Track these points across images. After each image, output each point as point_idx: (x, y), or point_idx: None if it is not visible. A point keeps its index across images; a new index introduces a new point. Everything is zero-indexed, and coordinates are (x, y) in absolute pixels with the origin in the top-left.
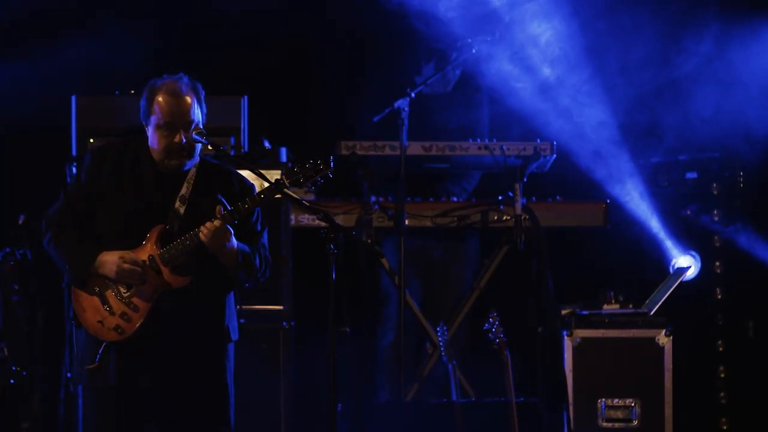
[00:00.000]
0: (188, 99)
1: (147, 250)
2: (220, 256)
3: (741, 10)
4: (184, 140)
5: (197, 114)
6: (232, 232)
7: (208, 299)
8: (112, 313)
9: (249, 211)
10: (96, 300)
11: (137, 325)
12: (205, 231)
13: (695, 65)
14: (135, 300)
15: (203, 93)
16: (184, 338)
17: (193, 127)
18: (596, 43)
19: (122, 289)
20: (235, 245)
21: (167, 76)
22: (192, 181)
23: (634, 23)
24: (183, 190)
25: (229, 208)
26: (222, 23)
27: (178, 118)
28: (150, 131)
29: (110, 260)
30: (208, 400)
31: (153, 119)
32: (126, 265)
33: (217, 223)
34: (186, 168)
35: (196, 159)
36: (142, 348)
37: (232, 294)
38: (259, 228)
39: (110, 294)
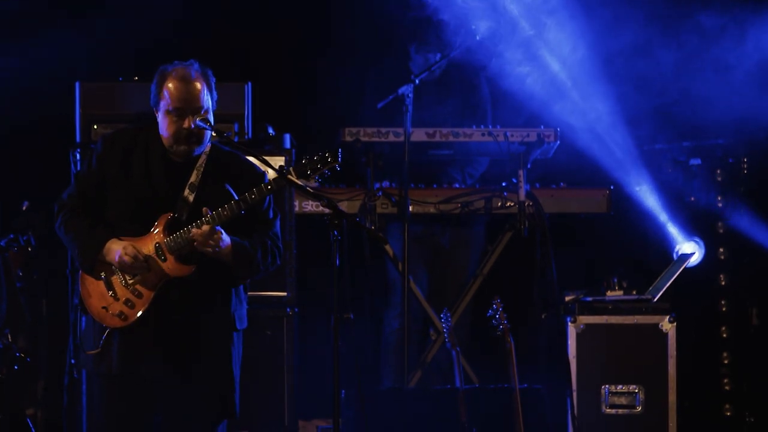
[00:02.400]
0: (198, 85)
1: (154, 238)
2: (214, 258)
3: None
4: (193, 126)
5: (207, 100)
6: (223, 232)
7: (214, 288)
8: (116, 299)
9: (257, 202)
10: (102, 286)
11: (140, 312)
12: (196, 238)
13: (699, 50)
14: (139, 287)
15: (214, 80)
16: (189, 326)
17: (202, 113)
18: (600, 28)
19: (128, 276)
20: (229, 243)
21: (178, 62)
22: (201, 169)
23: (636, 7)
24: (192, 178)
25: (236, 198)
26: (225, 9)
27: (188, 104)
28: (160, 117)
29: (115, 249)
30: (213, 388)
31: (162, 105)
32: (126, 257)
33: (205, 228)
34: (196, 153)
35: (206, 145)
36: (147, 335)
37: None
38: (271, 215)
39: (116, 280)
